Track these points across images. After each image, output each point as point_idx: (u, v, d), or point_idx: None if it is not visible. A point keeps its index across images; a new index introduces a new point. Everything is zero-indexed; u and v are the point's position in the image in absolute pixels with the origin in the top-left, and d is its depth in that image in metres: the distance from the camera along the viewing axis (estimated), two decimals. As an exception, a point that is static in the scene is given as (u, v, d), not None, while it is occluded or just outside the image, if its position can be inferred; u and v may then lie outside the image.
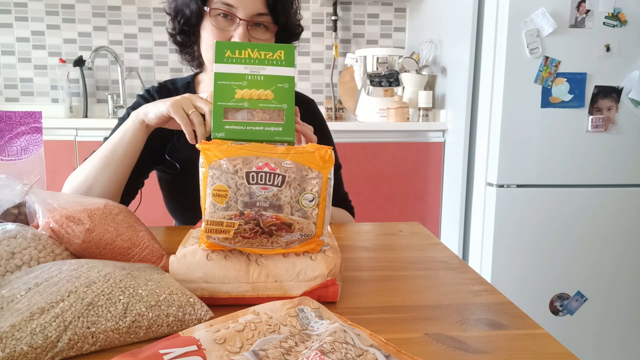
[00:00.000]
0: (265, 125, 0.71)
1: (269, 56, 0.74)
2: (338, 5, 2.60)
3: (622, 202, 1.75)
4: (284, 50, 0.74)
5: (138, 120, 0.82)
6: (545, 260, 1.76)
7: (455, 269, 0.69)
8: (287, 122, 0.72)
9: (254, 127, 0.71)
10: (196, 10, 0.92)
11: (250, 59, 0.74)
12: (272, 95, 0.73)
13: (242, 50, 0.74)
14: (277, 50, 0.74)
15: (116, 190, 0.87)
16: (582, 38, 1.64)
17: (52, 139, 1.92)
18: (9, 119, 0.68)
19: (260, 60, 0.74)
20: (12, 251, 0.53)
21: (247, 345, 0.41)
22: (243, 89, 0.72)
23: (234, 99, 0.72)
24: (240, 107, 0.72)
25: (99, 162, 0.84)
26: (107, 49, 2.44)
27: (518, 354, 0.46)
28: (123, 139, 0.83)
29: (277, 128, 0.71)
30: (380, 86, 2.18)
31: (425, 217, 2.14)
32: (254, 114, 0.72)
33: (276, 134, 0.71)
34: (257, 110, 0.72)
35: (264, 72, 0.73)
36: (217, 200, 0.52)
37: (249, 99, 0.72)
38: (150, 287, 0.49)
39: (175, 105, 0.76)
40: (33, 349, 0.41)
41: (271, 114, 0.72)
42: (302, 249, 0.55)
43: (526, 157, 1.70)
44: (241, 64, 0.74)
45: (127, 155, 0.84)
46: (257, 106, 0.72)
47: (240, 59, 0.74)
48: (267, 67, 0.74)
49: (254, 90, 0.72)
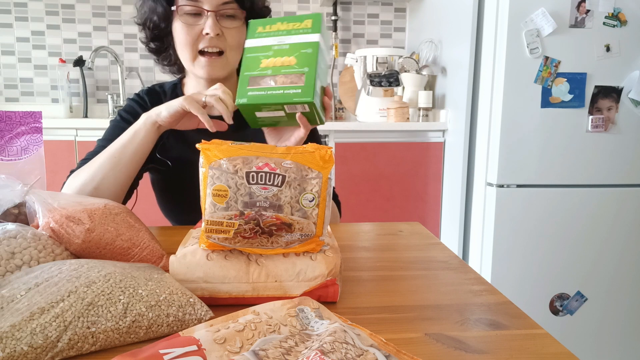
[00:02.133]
0: (285, 89, 0.73)
1: (296, 26, 0.76)
2: (338, 5, 2.60)
3: (622, 202, 1.75)
4: (311, 19, 0.76)
5: (150, 121, 0.84)
6: (545, 260, 1.76)
7: (455, 269, 0.69)
8: (307, 83, 0.73)
9: (274, 91, 0.73)
10: (163, 12, 0.93)
11: (279, 32, 0.76)
12: (294, 61, 0.74)
13: (273, 25, 0.77)
14: (305, 20, 0.76)
15: (122, 190, 0.87)
16: (582, 38, 1.64)
17: (52, 139, 1.92)
18: (9, 119, 0.68)
19: (288, 31, 0.76)
20: (12, 251, 0.53)
21: (247, 345, 0.41)
22: (269, 58, 0.75)
23: (259, 69, 0.75)
24: (264, 74, 0.74)
25: (107, 161, 0.85)
26: (107, 49, 2.44)
27: (518, 354, 0.46)
28: (134, 139, 0.84)
29: (296, 90, 0.73)
30: (380, 86, 2.18)
31: (425, 217, 2.14)
32: (277, 79, 0.74)
33: (295, 96, 0.72)
34: (279, 76, 0.74)
35: (290, 40, 0.75)
36: (217, 200, 0.52)
37: (273, 67, 0.74)
38: (150, 287, 0.49)
39: (188, 99, 0.80)
40: (33, 349, 0.41)
41: (292, 78, 0.73)
42: (302, 249, 0.55)
43: (526, 157, 1.70)
44: (270, 37, 0.76)
45: (137, 155, 0.85)
46: (279, 72, 0.74)
47: (270, 33, 0.77)
48: (293, 36, 0.76)
49: (279, 59, 0.75)
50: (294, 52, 0.74)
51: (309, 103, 0.72)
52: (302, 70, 0.73)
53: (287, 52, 0.75)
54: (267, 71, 0.74)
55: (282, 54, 0.74)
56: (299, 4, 2.59)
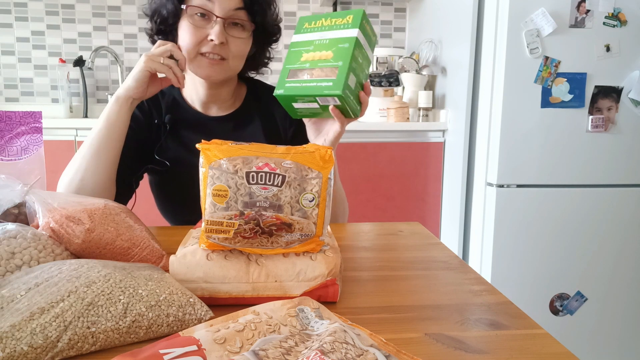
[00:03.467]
0: (317, 82, 0.75)
1: (338, 22, 0.78)
2: (338, 5, 2.60)
3: (622, 202, 1.75)
4: (352, 15, 0.78)
5: (122, 99, 0.87)
6: (545, 260, 1.76)
7: (455, 269, 0.69)
8: (338, 77, 0.75)
9: (308, 84, 0.76)
10: (173, 9, 0.92)
11: (323, 27, 0.79)
12: (331, 55, 0.76)
13: (318, 21, 0.80)
14: (347, 16, 0.78)
15: (108, 178, 0.88)
16: (582, 38, 1.64)
17: (52, 139, 1.92)
18: (9, 119, 0.68)
19: (330, 26, 0.79)
20: (12, 251, 0.53)
21: (247, 345, 0.41)
22: (309, 52, 0.78)
23: (299, 62, 0.78)
24: (303, 67, 0.77)
25: (87, 151, 0.86)
26: (107, 49, 2.44)
27: (518, 354, 0.46)
28: (108, 122, 0.87)
29: (327, 83, 0.75)
30: (380, 86, 2.18)
31: (425, 217, 2.14)
32: (313, 73, 0.77)
33: (325, 89, 0.75)
34: (316, 69, 0.77)
35: (330, 35, 0.78)
36: (217, 200, 0.52)
37: (312, 60, 0.77)
38: (150, 287, 0.49)
39: (149, 61, 0.84)
40: (33, 349, 0.41)
41: (327, 71, 0.76)
42: (302, 249, 0.55)
43: (526, 157, 1.70)
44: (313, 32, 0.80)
45: (114, 138, 0.87)
46: (316, 65, 0.77)
47: (314, 28, 0.80)
48: (334, 31, 0.78)
49: (317, 53, 0.77)
50: (332, 46, 0.77)
51: (338, 96, 0.74)
52: (336, 64, 0.75)
53: (326, 46, 0.77)
54: (305, 64, 0.78)
55: (322, 49, 0.77)
56: (299, 4, 2.59)
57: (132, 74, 0.86)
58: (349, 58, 0.74)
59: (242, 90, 1.08)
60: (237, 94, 1.07)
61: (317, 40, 0.78)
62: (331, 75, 0.75)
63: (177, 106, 1.02)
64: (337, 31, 0.77)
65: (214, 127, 1.02)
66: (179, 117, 1.01)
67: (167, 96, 1.03)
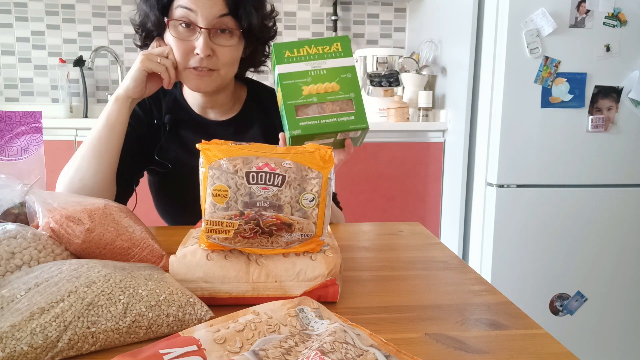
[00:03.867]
0: (337, 116, 0.73)
1: (326, 50, 0.76)
2: (338, 5, 2.60)
3: (622, 202, 1.75)
4: (339, 42, 0.76)
5: (121, 99, 0.86)
6: (545, 260, 1.76)
7: (455, 269, 0.69)
8: (357, 109, 0.74)
9: (328, 120, 0.73)
10: (156, 21, 0.88)
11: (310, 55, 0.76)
12: (337, 87, 0.74)
13: (300, 48, 0.76)
14: (334, 43, 0.76)
15: (108, 177, 0.88)
16: (582, 38, 1.64)
17: (52, 139, 1.92)
18: (9, 119, 0.68)
19: (319, 55, 0.76)
20: (12, 251, 0.53)
21: (247, 345, 0.41)
22: (309, 84, 0.75)
23: (302, 96, 0.74)
24: (310, 102, 0.74)
25: (87, 151, 0.86)
26: (107, 49, 2.44)
27: (518, 354, 0.46)
28: (108, 122, 0.86)
29: (349, 117, 0.74)
30: (380, 86, 2.18)
31: (425, 217, 2.14)
32: (324, 107, 0.74)
33: (350, 123, 0.73)
34: (326, 103, 0.74)
35: (326, 65, 0.75)
36: (217, 200, 0.52)
37: (317, 94, 0.74)
38: (150, 287, 0.49)
39: (145, 61, 0.84)
40: (33, 349, 0.41)
41: (341, 104, 0.74)
42: (302, 249, 0.55)
43: (526, 157, 1.70)
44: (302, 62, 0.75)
45: (113, 138, 0.87)
46: (325, 99, 0.74)
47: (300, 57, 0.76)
48: (327, 60, 0.75)
49: (320, 85, 0.74)
50: (334, 77, 0.75)
51: (364, 128, 0.74)
52: (349, 96, 0.74)
53: (327, 77, 0.74)
54: (312, 99, 0.74)
55: (322, 80, 0.74)
56: (298, 4, 2.59)
57: (130, 74, 0.86)
58: (358, 88, 0.74)
59: (242, 92, 1.06)
60: (237, 97, 1.05)
61: (311, 71, 0.75)
62: (348, 108, 0.73)
63: (179, 107, 1.02)
64: (331, 60, 0.75)
65: (215, 130, 1.01)
66: (179, 118, 1.01)
67: (169, 96, 1.02)
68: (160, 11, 0.87)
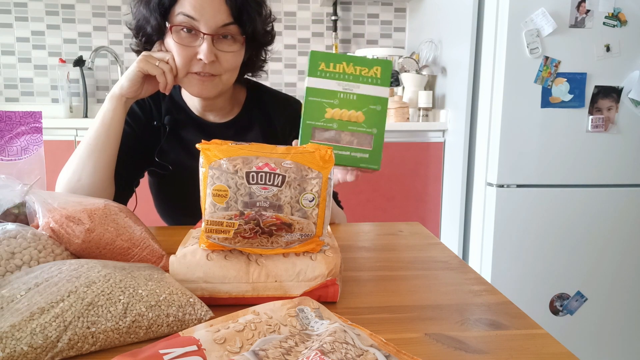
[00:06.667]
0: (352, 150, 0.70)
1: (364, 72, 0.70)
2: (338, 5, 2.60)
3: (622, 202, 1.75)
4: (380, 67, 0.70)
5: (115, 98, 0.86)
6: (545, 260, 1.76)
7: (455, 269, 0.69)
8: (374, 148, 0.70)
9: (340, 152, 0.70)
10: (157, 26, 0.86)
11: (345, 75, 0.70)
12: (362, 118, 0.70)
13: (337, 64, 0.70)
14: (374, 67, 0.70)
15: (105, 177, 0.87)
16: (582, 38, 1.64)
17: (52, 139, 1.92)
18: (9, 119, 0.68)
19: (355, 76, 0.70)
20: (12, 251, 0.53)
21: (247, 345, 0.41)
22: (334, 107, 0.70)
23: (323, 119, 0.70)
24: (329, 127, 0.70)
25: (84, 151, 0.86)
26: (107, 49, 2.44)
27: (518, 354, 0.46)
28: (104, 122, 0.86)
29: (363, 155, 0.70)
30: (380, 86, 2.18)
31: (425, 217, 2.14)
32: (342, 136, 0.70)
33: (362, 161, 0.70)
34: (345, 133, 0.70)
35: (358, 90, 0.70)
36: (217, 200, 0.52)
37: (339, 120, 0.70)
38: (150, 287, 0.49)
39: (142, 62, 0.84)
40: (33, 349, 0.41)
41: (359, 137, 0.70)
42: (302, 249, 0.55)
43: (526, 157, 1.70)
44: (335, 80, 0.70)
45: (110, 137, 0.86)
46: (346, 128, 0.70)
47: (334, 74, 0.71)
48: (361, 85, 0.70)
49: (345, 111, 0.70)
50: (362, 106, 0.70)
51: (375, 170, 0.71)
52: (371, 131, 0.70)
53: (355, 104, 0.70)
54: (332, 124, 0.70)
55: (349, 106, 0.70)
56: (298, 4, 2.59)
57: (126, 73, 0.85)
58: (383, 124, 0.70)
59: (241, 95, 1.05)
60: (235, 100, 1.04)
61: (341, 93, 0.70)
62: (365, 144, 0.70)
63: (178, 108, 1.02)
64: (365, 86, 0.70)
65: (214, 132, 1.01)
66: (179, 120, 1.01)
67: (169, 97, 1.03)
68: (161, 16, 0.86)
